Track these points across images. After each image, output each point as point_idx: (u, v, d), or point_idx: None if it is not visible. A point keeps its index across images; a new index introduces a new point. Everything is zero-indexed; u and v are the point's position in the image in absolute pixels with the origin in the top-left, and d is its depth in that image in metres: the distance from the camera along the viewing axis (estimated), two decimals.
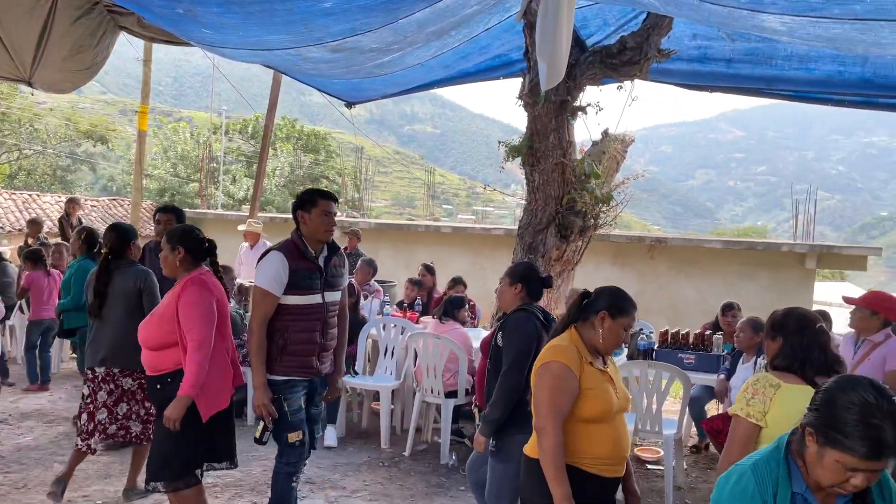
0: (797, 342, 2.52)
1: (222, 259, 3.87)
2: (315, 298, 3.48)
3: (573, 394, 2.54)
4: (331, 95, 7.43)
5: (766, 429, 2.39)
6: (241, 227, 9.17)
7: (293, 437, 3.42)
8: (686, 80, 5.85)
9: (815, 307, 8.92)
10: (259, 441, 3.41)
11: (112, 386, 3.99)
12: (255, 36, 4.36)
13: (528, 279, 3.51)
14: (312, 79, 6.43)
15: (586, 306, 2.70)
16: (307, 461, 3.69)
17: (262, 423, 3.38)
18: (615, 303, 2.66)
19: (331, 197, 3.57)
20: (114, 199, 21.67)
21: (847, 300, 4.21)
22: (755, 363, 4.64)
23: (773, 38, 4.38)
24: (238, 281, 6.87)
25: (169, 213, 4.86)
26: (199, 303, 3.26)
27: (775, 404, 2.40)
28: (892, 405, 1.67)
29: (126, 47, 7.85)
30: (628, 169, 7.38)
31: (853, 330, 4.18)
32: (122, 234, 4.18)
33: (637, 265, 10.13)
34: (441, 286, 7.76)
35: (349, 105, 7.63)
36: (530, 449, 2.65)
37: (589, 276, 9.05)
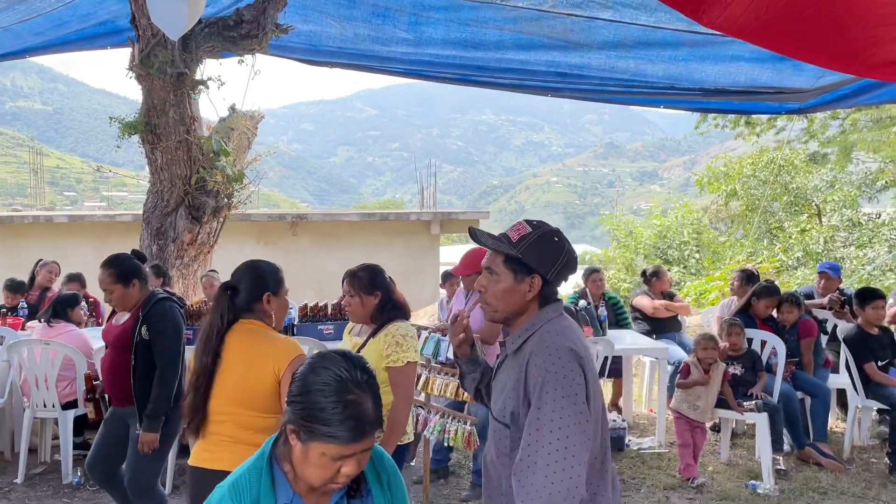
0: (391, 291, 3.11)
1: None
2: None
3: None
4: None
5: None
6: None
7: None
8: (306, 56, 5.94)
9: (442, 268, 10.00)
10: None
11: None
12: None
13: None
14: None
15: (250, 297, 2.61)
16: None
17: None
18: (272, 279, 2.65)
19: None
20: None
21: (453, 272, 4.73)
22: None
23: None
24: None
25: None
26: None
27: (417, 342, 3.09)
28: (366, 372, 1.54)
29: None
30: (271, 147, 7.32)
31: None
32: None
33: (281, 242, 10.17)
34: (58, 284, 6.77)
35: None
36: (211, 460, 2.46)
37: (232, 256, 8.70)
